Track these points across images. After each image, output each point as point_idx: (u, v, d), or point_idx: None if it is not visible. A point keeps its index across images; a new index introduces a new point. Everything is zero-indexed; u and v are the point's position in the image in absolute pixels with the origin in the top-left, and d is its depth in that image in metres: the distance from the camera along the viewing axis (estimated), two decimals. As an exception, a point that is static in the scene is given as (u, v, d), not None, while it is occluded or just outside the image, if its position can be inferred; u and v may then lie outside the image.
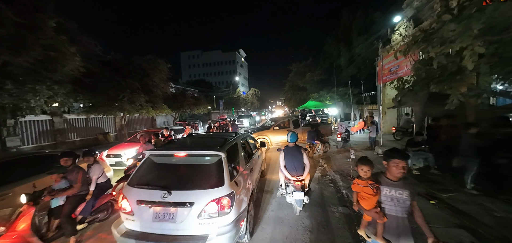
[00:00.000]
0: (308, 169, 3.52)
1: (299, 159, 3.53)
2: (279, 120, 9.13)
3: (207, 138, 4.01)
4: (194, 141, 3.56)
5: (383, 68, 11.68)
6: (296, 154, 3.55)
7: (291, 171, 3.53)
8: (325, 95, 16.97)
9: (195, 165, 2.70)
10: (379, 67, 12.25)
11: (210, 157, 2.66)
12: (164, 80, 12.28)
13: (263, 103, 65.89)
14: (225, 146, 2.86)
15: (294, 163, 3.52)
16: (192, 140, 3.77)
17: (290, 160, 3.55)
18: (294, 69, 26.04)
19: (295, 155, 3.55)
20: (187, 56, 76.20)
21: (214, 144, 2.95)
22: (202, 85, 42.83)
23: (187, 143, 3.43)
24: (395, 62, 10.21)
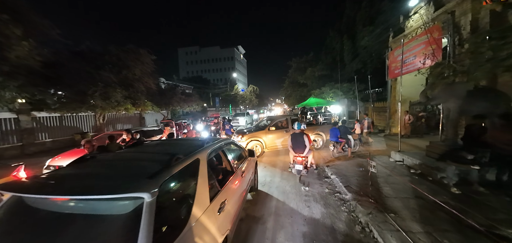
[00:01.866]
0: (307, 149, 4.77)
1: (301, 141, 4.84)
2: (275, 120, 7.79)
3: (147, 152, 2.34)
4: (118, 159, 2.10)
5: (395, 60, 10.30)
6: (300, 137, 4.88)
7: (295, 149, 4.86)
8: (328, 92, 15.62)
9: (88, 219, 1.34)
10: (390, 59, 10.90)
11: (120, 203, 1.32)
12: (147, 73, 10.91)
13: (262, 100, 64.45)
14: (162, 175, 1.51)
15: (297, 144, 4.85)
16: (117, 157, 2.18)
17: (295, 142, 4.91)
18: (294, 65, 24.71)
19: (299, 139, 4.88)
20: (185, 52, 74.64)
21: (141, 170, 1.62)
22: (199, 81, 41.41)
23: (97, 166, 1.88)
24: (411, 52, 8.84)
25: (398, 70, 9.91)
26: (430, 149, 5.13)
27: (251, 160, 3.82)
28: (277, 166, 6.31)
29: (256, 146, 7.20)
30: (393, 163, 5.79)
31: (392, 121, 10.96)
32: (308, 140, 4.86)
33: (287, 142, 5.04)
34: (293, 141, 4.91)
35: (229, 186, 2.41)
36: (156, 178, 1.44)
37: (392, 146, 8.20)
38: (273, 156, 7.44)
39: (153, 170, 1.54)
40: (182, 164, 1.79)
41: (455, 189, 3.94)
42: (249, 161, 3.69)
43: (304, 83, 22.17)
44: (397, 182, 4.25)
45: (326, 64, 22.39)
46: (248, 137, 7.13)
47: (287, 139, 7.71)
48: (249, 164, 3.64)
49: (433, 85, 4.94)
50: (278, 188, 4.57)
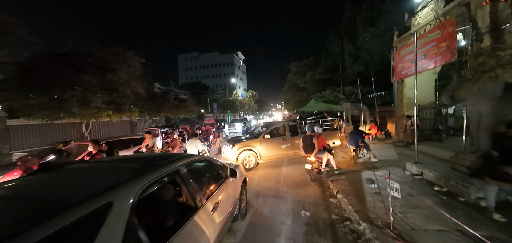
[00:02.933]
0: (316, 150, 5.06)
1: (310, 143, 5.12)
2: (271, 126, 6.94)
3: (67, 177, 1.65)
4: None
5: (402, 60, 9.52)
6: (309, 140, 5.15)
7: (305, 151, 5.24)
8: (329, 95, 14.82)
9: None
10: (396, 60, 10.13)
11: None
12: (135, 77, 10.14)
13: (262, 106, 63.75)
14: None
15: (307, 146, 5.19)
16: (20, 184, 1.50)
17: (304, 144, 5.25)
18: (294, 69, 24.07)
19: (308, 141, 5.17)
20: (184, 58, 74.96)
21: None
22: (197, 87, 40.81)
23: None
24: (420, 50, 8.05)
25: (405, 71, 9.12)
26: (457, 162, 4.25)
27: (233, 183, 2.94)
28: (272, 180, 5.41)
29: (249, 157, 6.33)
30: (410, 178, 4.89)
31: (400, 126, 10.09)
32: (319, 143, 5.09)
33: (300, 143, 5.46)
34: (303, 142, 5.26)
35: (184, 236, 1.53)
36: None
37: (403, 154, 7.31)
38: (269, 168, 6.55)
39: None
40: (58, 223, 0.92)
41: (499, 216, 3.04)
42: (230, 185, 2.81)
43: (304, 87, 21.47)
44: (422, 205, 3.36)
45: (326, 68, 21.76)
46: (240, 146, 6.27)
47: (284, 148, 7.04)
48: (230, 189, 2.77)
49: (466, 82, 4.02)
50: (272, 213, 3.68)
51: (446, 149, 7.55)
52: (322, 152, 5.15)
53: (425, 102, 9.92)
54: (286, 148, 6.75)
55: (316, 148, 4.98)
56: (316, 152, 5.00)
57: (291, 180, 5.44)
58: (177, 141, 6.06)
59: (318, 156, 5.09)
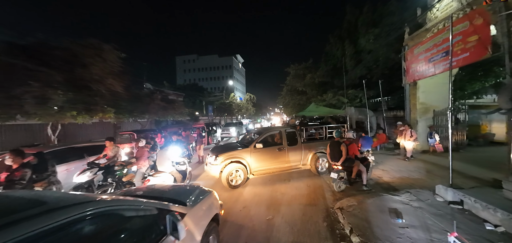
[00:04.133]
0: (342, 158, 4.59)
1: (337, 150, 4.71)
2: (264, 133, 5.72)
3: None
4: None
5: (416, 60, 8.41)
6: (336, 146, 4.76)
7: (332, 158, 4.85)
8: (331, 99, 13.70)
9: None
10: (408, 60, 9.03)
11: None
12: (113, 73, 8.92)
13: (260, 110, 62.53)
14: None
15: (334, 153, 4.80)
16: None
17: (332, 151, 4.86)
18: (293, 71, 23.04)
19: (335, 148, 4.78)
20: (182, 60, 74.29)
21: None
22: (194, 89, 39.62)
23: None
24: (440, 47, 6.95)
25: (420, 71, 7.99)
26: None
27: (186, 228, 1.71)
28: (262, 205, 4.16)
29: (236, 171, 5.08)
30: (446, 207, 3.68)
31: (396, 136, 8.78)
32: (349, 150, 4.69)
33: (327, 150, 5.10)
34: (330, 149, 4.93)
35: None
36: None
37: (421, 170, 6.11)
38: (261, 185, 5.30)
39: None
40: None
41: None
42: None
43: (303, 91, 20.43)
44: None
45: (327, 71, 20.79)
46: (225, 158, 5.03)
47: (280, 161, 5.47)
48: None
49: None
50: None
51: (473, 164, 6.42)
52: (352, 161, 4.62)
53: (440, 107, 8.81)
54: (282, 160, 5.53)
55: (343, 156, 4.57)
56: (343, 160, 4.56)
57: (288, 201, 4.20)
58: (143, 150, 4.81)
59: (347, 165, 4.61)
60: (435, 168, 6.27)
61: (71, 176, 4.60)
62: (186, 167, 5.50)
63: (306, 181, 5.44)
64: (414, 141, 7.24)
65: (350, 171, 4.64)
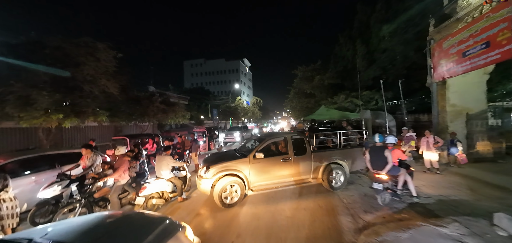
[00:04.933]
0: (389, 166, 3.92)
1: (381, 156, 4.03)
2: (266, 140, 4.80)
3: None
4: None
5: (445, 55, 7.26)
6: (379, 152, 4.10)
7: (373, 166, 4.19)
8: (343, 101, 12.61)
9: None
10: (436, 55, 7.85)
11: None
12: (107, 73, 8.39)
13: (267, 113, 61.53)
14: None
15: (376, 160, 4.14)
16: None
17: (373, 157, 4.21)
18: (300, 74, 22.10)
19: (378, 153, 4.11)
20: (190, 65, 75.26)
21: None
22: (200, 92, 39.43)
23: None
24: (477, 38, 5.82)
25: (452, 67, 6.80)
26: None
27: None
28: (260, 236, 3.23)
29: (231, 186, 4.20)
30: None
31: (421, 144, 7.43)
32: (394, 155, 4.14)
33: (366, 156, 4.51)
34: (371, 155, 4.30)
35: None
36: None
37: (462, 187, 4.95)
38: (261, 203, 4.38)
39: None
40: None
41: None
42: None
43: (311, 93, 19.39)
44: None
45: (337, 72, 19.66)
46: (218, 170, 4.17)
47: (286, 174, 4.52)
48: None
49: None
50: None
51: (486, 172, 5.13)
52: (398, 169, 4.04)
53: (474, 110, 7.57)
54: (288, 173, 4.60)
55: (389, 163, 3.92)
56: (389, 168, 3.93)
57: (295, 230, 3.27)
58: (124, 160, 4.06)
59: (392, 174, 4.01)
60: (475, 184, 5.10)
61: (40, 189, 3.91)
62: (186, 173, 4.84)
63: (317, 199, 4.47)
64: (439, 149, 6.03)
65: (395, 181, 4.07)
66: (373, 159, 4.20)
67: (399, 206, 4.00)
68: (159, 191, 4.22)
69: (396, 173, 4.02)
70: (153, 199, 4.14)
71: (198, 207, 4.33)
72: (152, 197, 4.13)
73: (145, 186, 4.05)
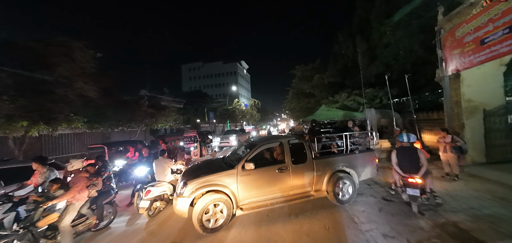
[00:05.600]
0: (424, 168, 3.58)
1: (414, 158, 3.68)
2: (258, 146, 4.00)
3: None
4: None
5: (459, 44, 6.50)
6: (411, 153, 3.74)
7: (404, 169, 3.75)
8: (345, 100, 11.85)
9: None
10: (448, 45, 7.11)
11: None
12: (86, 75, 7.61)
13: (266, 115, 60.67)
14: None
15: (407, 162, 3.74)
16: None
17: (403, 159, 3.80)
18: (299, 73, 21.41)
19: (410, 154, 3.74)
20: (188, 68, 74.90)
21: None
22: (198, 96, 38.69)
23: None
24: (497, 22, 5.07)
25: (466, 59, 6.06)
26: None
27: None
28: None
29: (215, 206, 3.40)
30: None
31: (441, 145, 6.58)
32: (425, 156, 3.69)
33: (392, 158, 3.98)
34: (400, 157, 3.84)
35: None
36: None
37: (490, 195, 4.14)
38: (253, 226, 3.55)
39: None
40: None
41: None
42: None
43: (311, 93, 18.67)
44: None
45: (337, 71, 18.97)
46: (199, 185, 3.37)
47: (282, 187, 3.67)
48: None
49: None
50: None
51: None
52: (427, 170, 3.68)
53: (492, 105, 6.79)
54: (285, 185, 3.80)
55: (424, 165, 3.59)
56: (425, 170, 3.58)
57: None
58: (80, 177, 3.26)
59: (424, 177, 3.60)
60: (505, 191, 4.30)
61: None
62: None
63: (322, 218, 3.66)
64: (458, 151, 5.17)
65: (423, 185, 3.59)
66: (404, 162, 3.76)
67: (423, 225, 3.20)
68: (161, 194, 4.30)
69: (426, 175, 3.59)
70: (156, 202, 4.24)
71: (173, 232, 3.52)
72: (156, 200, 4.22)
73: (150, 189, 4.06)
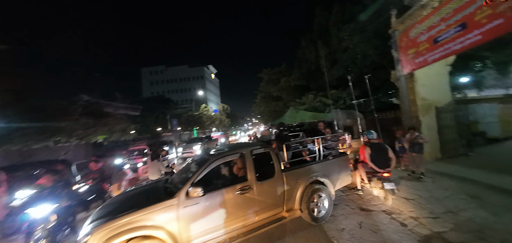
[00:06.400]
0: (394, 163, 3.96)
1: (386, 154, 3.96)
2: (209, 162, 2.97)
3: None
4: None
5: (414, 44, 6.78)
6: (383, 150, 4.00)
7: (378, 165, 3.93)
8: (312, 101, 11.77)
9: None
10: (403, 45, 7.44)
11: None
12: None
13: (236, 120, 59.37)
14: None
15: (381, 158, 3.94)
16: None
17: (378, 155, 3.98)
18: (266, 77, 21.26)
19: (383, 151, 3.99)
20: (149, 72, 68.49)
21: None
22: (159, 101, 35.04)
23: None
24: (450, 20, 5.30)
25: (421, 58, 6.33)
26: None
27: None
28: None
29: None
30: None
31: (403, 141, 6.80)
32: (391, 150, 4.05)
33: (365, 156, 4.08)
34: (374, 153, 3.99)
35: None
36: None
37: (462, 194, 4.04)
38: None
39: None
40: None
41: None
42: None
43: (279, 96, 18.55)
44: None
45: (302, 74, 19.41)
46: (112, 233, 2.17)
47: (245, 212, 2.69)
48: None
49: None
50: None
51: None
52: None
53: (442, 103, 7.31)
54: (248, 211, 2.88)
55: (393, 159, 3.91)
56: (394, 165, 3.88)
57: None
58: None
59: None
60: (472, 188, 4.31)
61: None
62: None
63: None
64: (419, 150, 5.19)
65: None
66: (378, 157, 3.93)
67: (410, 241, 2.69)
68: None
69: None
70: None
71: None
72: None
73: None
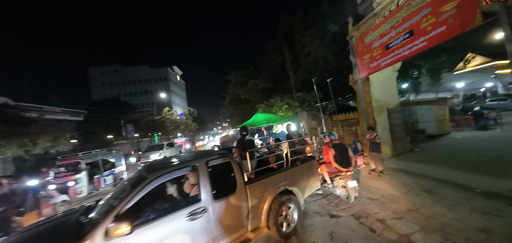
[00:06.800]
0: (354, 162, 4.24)
1: (347, 154, 4.20)
2: (148, 181, 2.26)
3: None
4: None
5: (368, 50, 7.25)
6: (345, 149, 4.24)
7: (341, 164, 4.11)
8: (279, 104, 11.74)
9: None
10: (360, 51, 7.94)
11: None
12: None
13: (204, 124, 56.71)
14: None
15: (345, 157, 4.16)
16: None
17: (342, 154, 4.16)
18: (233, 79, 20.72)
19: (345, 151, 4.22)
20: (100, 72, 59.64)
21: None
22: (112, 105, 30.64)
23: None
24: (399, 28, 5.76)
25: (375, 63, 6.82)
26: None
27: None
28: None
29: None
30: None
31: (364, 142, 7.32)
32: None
33: (330, 156, 4.25)
34: (338, 153, 4.17)
35: None
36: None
37: (419, 190, 4.27)
38: None
39: None
40: None
41: None
42: None
43: (247, 99, 18.24)
44: None
45: (269, 77, 19.62)
46: None
47: (199, 239, 2.36)
48: None
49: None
50: None
51: (454, 166, 4.69)
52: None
53: (392, 104, 8.04)
54: (204, 241, 2.28)
55: (353, 158, 4.20)
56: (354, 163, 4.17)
57: None
58: None
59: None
60: (426, 183, 4.63)
61: None
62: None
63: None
64: (378, 149, 5.50)
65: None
66: (341, 157, 4.09)
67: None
68: None
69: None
70: None
71: None
72: None
73: None
